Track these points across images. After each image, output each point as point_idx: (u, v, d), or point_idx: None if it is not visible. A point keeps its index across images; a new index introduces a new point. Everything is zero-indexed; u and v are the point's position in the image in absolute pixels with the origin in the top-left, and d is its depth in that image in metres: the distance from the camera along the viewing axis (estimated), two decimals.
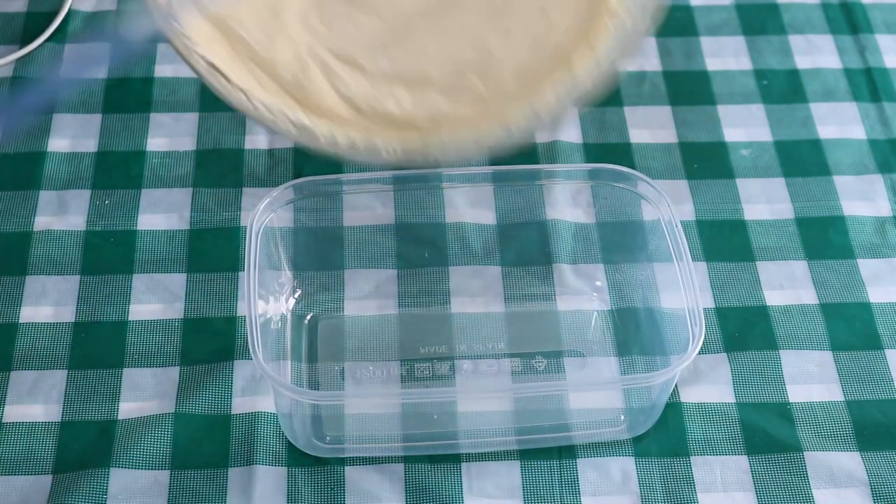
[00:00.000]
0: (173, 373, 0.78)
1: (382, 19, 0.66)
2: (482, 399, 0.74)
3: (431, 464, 0.75)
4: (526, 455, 0.75)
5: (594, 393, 0.78)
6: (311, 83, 0.65)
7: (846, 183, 0.90)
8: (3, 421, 0.76)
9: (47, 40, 0.97)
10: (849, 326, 0.82)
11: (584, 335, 0.81)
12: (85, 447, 0.75)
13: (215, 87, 0.65)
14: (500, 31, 0.66)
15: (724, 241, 0.86)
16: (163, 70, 0.96)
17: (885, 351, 0.81)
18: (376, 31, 0.66)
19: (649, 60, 0.96)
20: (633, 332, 0.81)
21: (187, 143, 0.91)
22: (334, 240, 0.85)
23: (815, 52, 0.99)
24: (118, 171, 0.89)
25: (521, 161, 0.86)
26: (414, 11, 0.66)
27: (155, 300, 0.82)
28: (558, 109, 0.64)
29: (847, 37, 1.00)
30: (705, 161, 0.91)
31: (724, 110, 0.95)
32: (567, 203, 0.87)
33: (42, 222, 0.85)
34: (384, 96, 0.65)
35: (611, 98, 0.93)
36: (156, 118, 0.93)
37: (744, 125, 0.94)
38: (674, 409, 0.77)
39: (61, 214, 0.86)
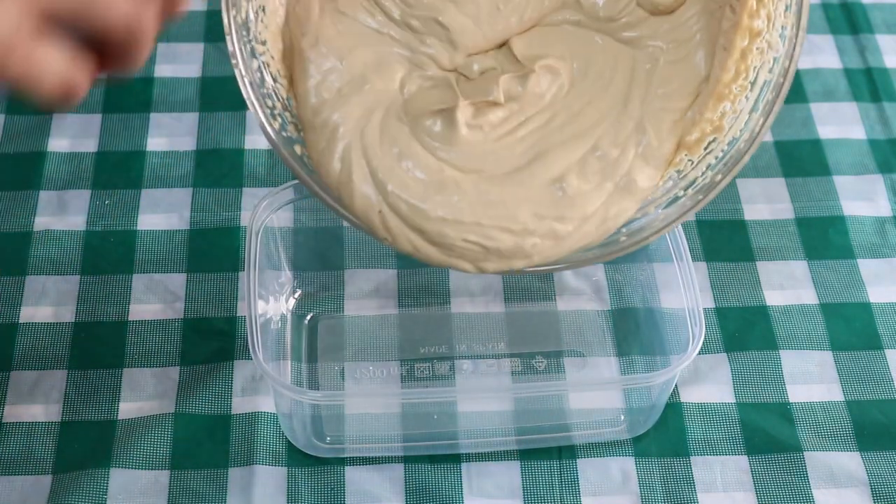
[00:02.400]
0: (173, 373, 0.78)
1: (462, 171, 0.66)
2: (482, 399, 0.74)
3: (431, 464, 0.75)
4: (526, 455, 0.75)
5: (594, 393, 0.78)
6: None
7: (846, 183, 0.90)
8: (3, 421, 0.76)
9: None
10: (849, 326, 0.82)
11: (584, 335, 0.81)
12: (85, 447, 0.75)
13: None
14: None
15: (724, 241, 0.86)
16: (163, 70, 0.96)
17: (885, 351, 0.81)
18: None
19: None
20: (633, 332, 0.81)
21: (187, 143, 0.91)
22: (334, 240, 0.85)
23: (815, 52, 0.99)
24: (118, 171, 0.89)
25: None
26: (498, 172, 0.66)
27: (155, 300, 0.82)
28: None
29: (847, 37, 1.00)
30: None
31: None
32: None
33: (42, 222, 0.85)
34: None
35: None
36: (156, 118, 0.93)
37: None
38: (674, 409, 0.77)
39: (61, 214, 0.86)
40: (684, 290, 0.74)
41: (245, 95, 0.62)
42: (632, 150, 0.64)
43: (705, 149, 0.65)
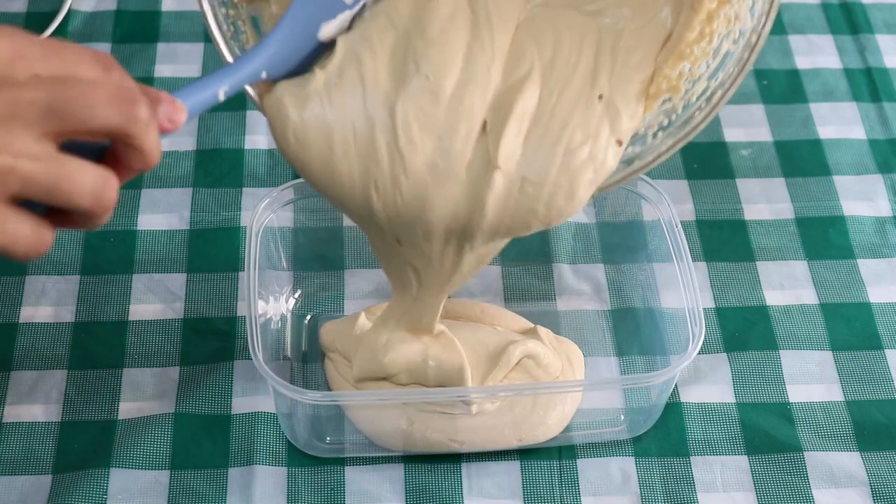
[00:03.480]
0: (173, 373, 0.78)
1: None
2: (480, 397, 0.74)
3: (431, 464, 0.75)
4: (526, 455, 0.75)
5: (594, 393, 0.78)
6: None
7: (846, 183, 0.90)
8: (3, 421, 0.76)
9: None
10: (849, 326, 0.82)
11: (583, 335, 0.81)
12: (85, 447, 0.75)
13: None
14: None
15: (724, 241, 0.86)
16: (163, 70, 0.96)
17: (885, 351, 0.81)
18: None
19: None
20: (633, 332, 0.81)
21: (187, 143, 0.91)
22: (334, 240, 0.85)
23: (815, 52, 0.99)
24: None
25: None
26: None
27: (155, 300, 0.82)
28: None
29: (847, 37, 1.00)
30: (705, 161, 0.91)
31: (724, 110, 0.94)
32: None
33: None
34: None
35: None
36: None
37: (744, 125, 0.94)
38: (674, 409, 0.77)
39: None
40: (684, 290, 0.74)
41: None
42: (604, 135, 0.64)
43: (660, 106, 0.65)
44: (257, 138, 0.91)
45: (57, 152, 0.52)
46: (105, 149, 0.54)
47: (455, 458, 0.75)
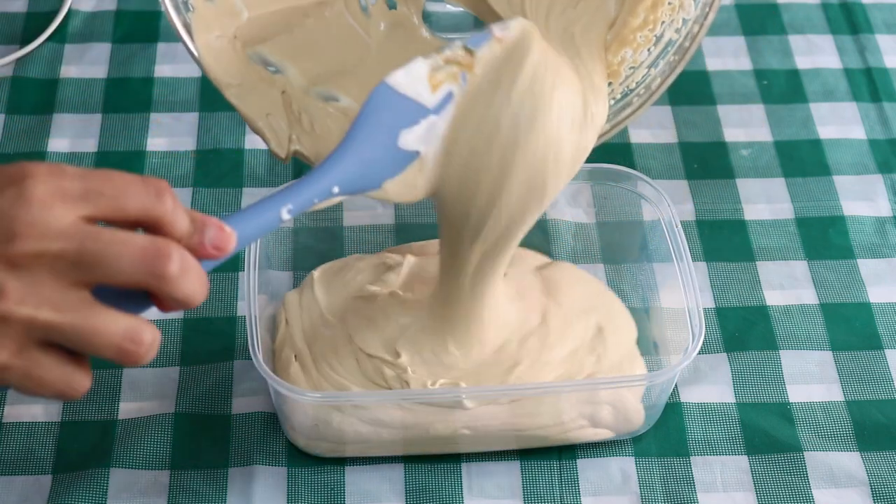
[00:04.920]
0: (173, 373, 0.78)
1: None
2: (482, 398, 0.74)
3: (431, 464, 0.75)
4: (526, 455, 0.75)
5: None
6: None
7: (846, 183, 0.90)
8: (3, 421, 0.76)
9: (47, 40, 0.97)
10: (849, 326, 0.82)
11: None
12: (85, 447, 0.75)
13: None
14: None
15: (724, 241, 0.86)
16: (163, 70, 0.96)
17: (885, 351, 0.81)
18: None
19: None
20: None
21: (187, 143, 0.91)
22: (334, 240, 0.85)
23: (815, 52, 0.99)
24: None
25: None
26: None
27: None
28: None
29: (847, 37, 1.00)
30: (705, 161, 0.91)
31: (724, 110, 0.95)
32: (567, 203, 0.87)
33: None
34: None
35: None
36: (156, 118, 0.93)
37: (744, 125, 0.94)
38: (674, 409, 0.77)
39: None
40: (684, 290, 0.74)
41: None
42: None
43: None
44: (257, 138, 0.90)
45: (86, 301, 0.52)
46: None
47: (455, 458, 0.75)
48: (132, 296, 0.54)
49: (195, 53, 0.67)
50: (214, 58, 0.67)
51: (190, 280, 0.53)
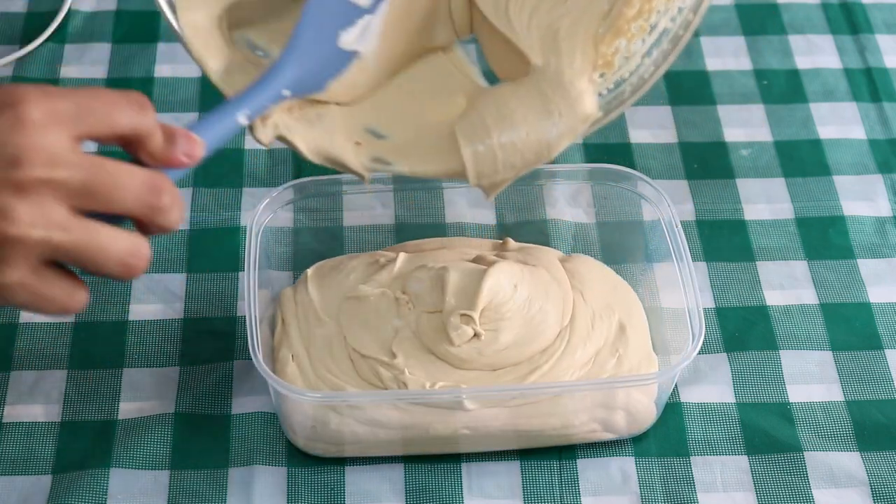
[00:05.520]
0: (173, 373, 0.78)
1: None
2: (482, 398, 0.74)
3: (431, 464, 0.75)
4: (526, 455, 0.75)
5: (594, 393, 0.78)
6: None
7: (846, 183, 0.90)
8: (3, 421, 0.76)
9: (47, 40, 0.97)
10: (849, 326, 0.82)
11: None
12: (85, 447, 0.75)
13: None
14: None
15: (724, 241, 0.86)
16: (163, 70, 0.96)
17: (885, 351, 0.81)
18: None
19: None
20: None
21: None
22: (334, 240, 0.85)
23: (815, 52, 0.99)
24: None
25: None
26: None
27: (155, 300, 0.82)
28: None
29: (847, 37, 1.00)
30: (705, 161, 0.91)
31: (724, 110, 0.95)
32: (567, 203, 0.87)
33: None
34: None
35: None
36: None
37: (744, 125, 0.94)
38: (674, 409, 0.77)
39: None
40: (684, 290, 0.74)
41: None
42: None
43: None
44: None
45: (87, 221, 0.55)
46: None
47: (455, 458, 0.75)
48: (118, 219, 0.56)
49: (178, 31, 0.67)
50: (198, 37, 0.68)
51: (176, 210, 0.57)
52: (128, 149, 0.58)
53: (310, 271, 0.79)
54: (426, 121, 0.71)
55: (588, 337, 0.75)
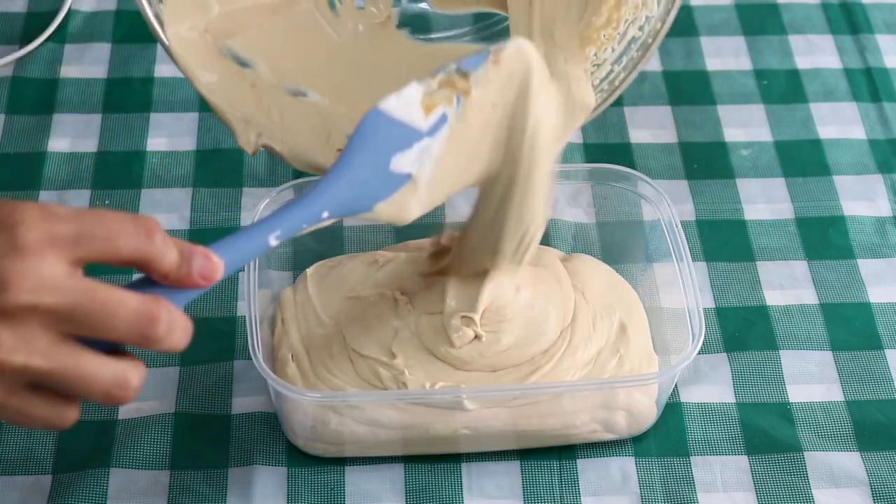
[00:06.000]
0: (173, 373, 0.78)
1: None
2: (482, 398, 0.74)
3: (431, 464, 0.75)
4: (526, 455, 0.75)
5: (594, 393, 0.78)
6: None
7: (846, 183, 0.90)
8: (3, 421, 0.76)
9: (47, 40, 0.97)
10: (849, 326, 0.82)
11: None
12: (85, 447, 0.75)
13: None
14: None
15: (724, 241, 0.86)
16: (163, 70, 0.96)
17: (885, 351, 0.81)
18: None
19: (649, 60, 0.96)
20: None
21: (187, 143, 0.91)
22: (334, 240, 0.85)
23: (815, 52, 0.99)
24: (118, 171, 0.89)
25: None
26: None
27: None
28: None
29: (847, 37, 1.00)
30: (705, 161, 0.91)
31: (724, 110, 0.95)
32: (567, 203, 0.87)
33: None
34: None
35: None
36: (156, 118, 0.93)
37: (744, 125, 0.94)
38: (674, 409, 0.77)
39: None
40: (684, 290, 0.74)
41: None
42: None
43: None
44: None
45: (76, 349, 0.53)
46: None
47: (455, 458, 0.75)
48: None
49: (166, 44, 0.67)
50: (185, 49, 0.68)
51: (175, 337, 0.56)
52: (138, 269, 0.56)
53: (309, 271, 0.79)
54: None
55: (589, 337, 0.75)
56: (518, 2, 0.71)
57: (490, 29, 0.82)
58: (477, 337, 0.73)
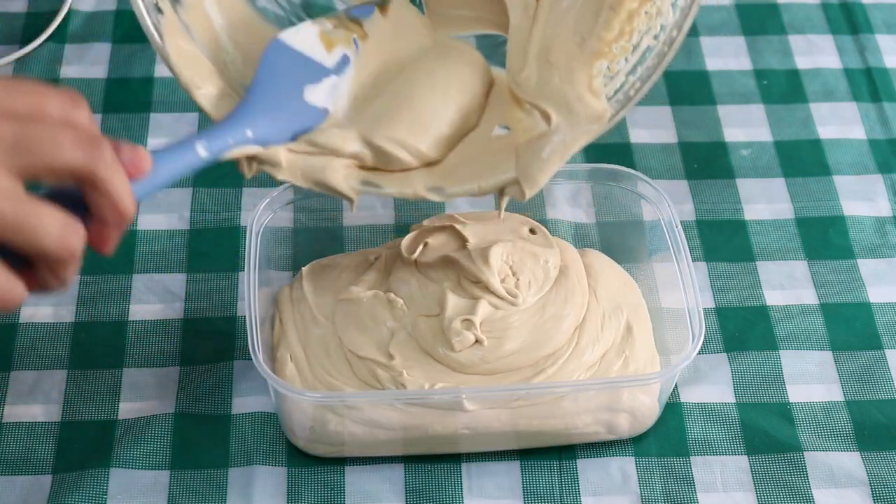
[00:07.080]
0: (173, 373, 0.78)
1: None
2: (482, 398, 0.74)
3: (431, 464, 0.75)
4: (526, 455, 0.75)
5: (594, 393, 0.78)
6: None
7: (846, 183, 0.90)
8: (3, 421, 0.76)
9: (47, 40, 0.97)
10: (849, 326, 0.82)
11: None
12: (85, 447, 0.75)
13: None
14: None
15: (724, 241, 0.86)
16: (163, 70, 0.96)
17: (885, 351, 0.81)
18: None
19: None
20: None
21: None
22: (334, 240, 0.85)
23: (815, 52, 0.99)
24: None
25: None
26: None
27: (155, 300, 0.82)
28: None
29: (847, 37, 1.00)
30: (705, 161, 0.91)
31: (724, 110, 0.95)
32: (567, 203, 0.87)
33: None
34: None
35: None
36: (156, 118, 0.93)
37: (744, 125, 0.94)
38: (674, 409, 0.77)
39: None
40: (684, 290, 0.74)
41: None
42: None
43: None
44: None
45: (24, 193, 0.52)
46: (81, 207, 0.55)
47: (455, 458, 0.75)
48: (65, 200, 0.54)
49: (165, 56, 0.67)
50: (185, 61, 0.68)
51: (121, 176, 0.55)
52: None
53: (304, 270, 0.79)
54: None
55: (597, 339, 0.75)
56: (519, 26, 0.70)
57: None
58: (478, 341, 0.73)
